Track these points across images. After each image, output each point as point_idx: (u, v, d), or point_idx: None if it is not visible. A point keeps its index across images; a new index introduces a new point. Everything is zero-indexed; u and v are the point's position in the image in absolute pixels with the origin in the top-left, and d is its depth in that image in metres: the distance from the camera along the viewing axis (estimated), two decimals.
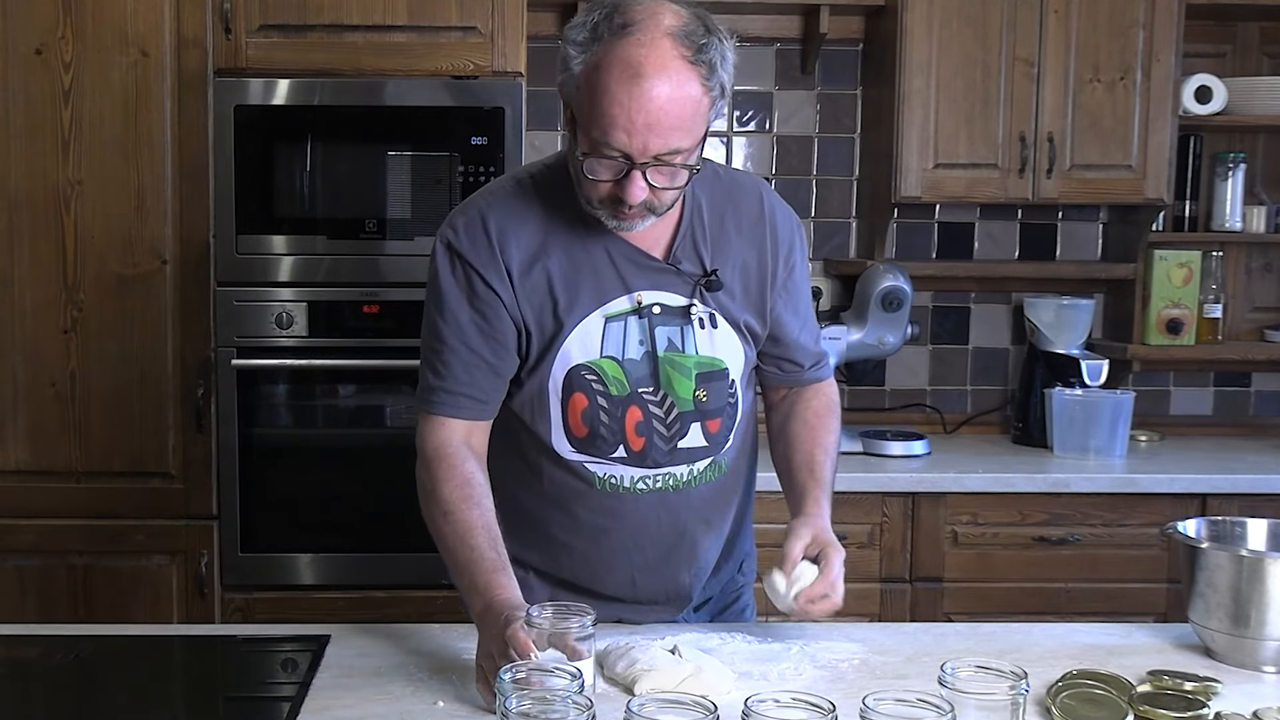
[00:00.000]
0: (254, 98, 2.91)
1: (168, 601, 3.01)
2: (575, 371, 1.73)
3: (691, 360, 1.76)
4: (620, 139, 1.57)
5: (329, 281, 2.95)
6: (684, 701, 1.23)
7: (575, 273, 1.72)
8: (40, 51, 2.92)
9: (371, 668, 1.66)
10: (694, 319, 1.76)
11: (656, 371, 1.75)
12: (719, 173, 1.85)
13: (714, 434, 1.80)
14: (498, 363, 1.74)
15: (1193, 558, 1.73)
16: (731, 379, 1.80)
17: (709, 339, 1.77)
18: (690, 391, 1.76)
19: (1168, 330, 3.49)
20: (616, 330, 1.73)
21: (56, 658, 1.76)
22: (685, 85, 1.57)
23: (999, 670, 1.34)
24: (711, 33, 1.61)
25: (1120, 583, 3.09)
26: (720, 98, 1.63)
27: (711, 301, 1.77)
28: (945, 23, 3.23)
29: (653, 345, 1.75)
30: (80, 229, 2.96)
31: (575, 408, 1.75)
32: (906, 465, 3.15)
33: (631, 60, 1.55)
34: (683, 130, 1.58)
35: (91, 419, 2.99)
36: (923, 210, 3.57)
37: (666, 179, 1.62)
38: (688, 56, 1.57)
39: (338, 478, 3.01)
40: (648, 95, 1.55)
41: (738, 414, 1.83)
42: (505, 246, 1.71)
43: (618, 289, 1.73)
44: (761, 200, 1.84)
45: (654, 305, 1.74)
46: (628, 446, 1.76)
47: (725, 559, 1.95)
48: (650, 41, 1.56)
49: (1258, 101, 3.41)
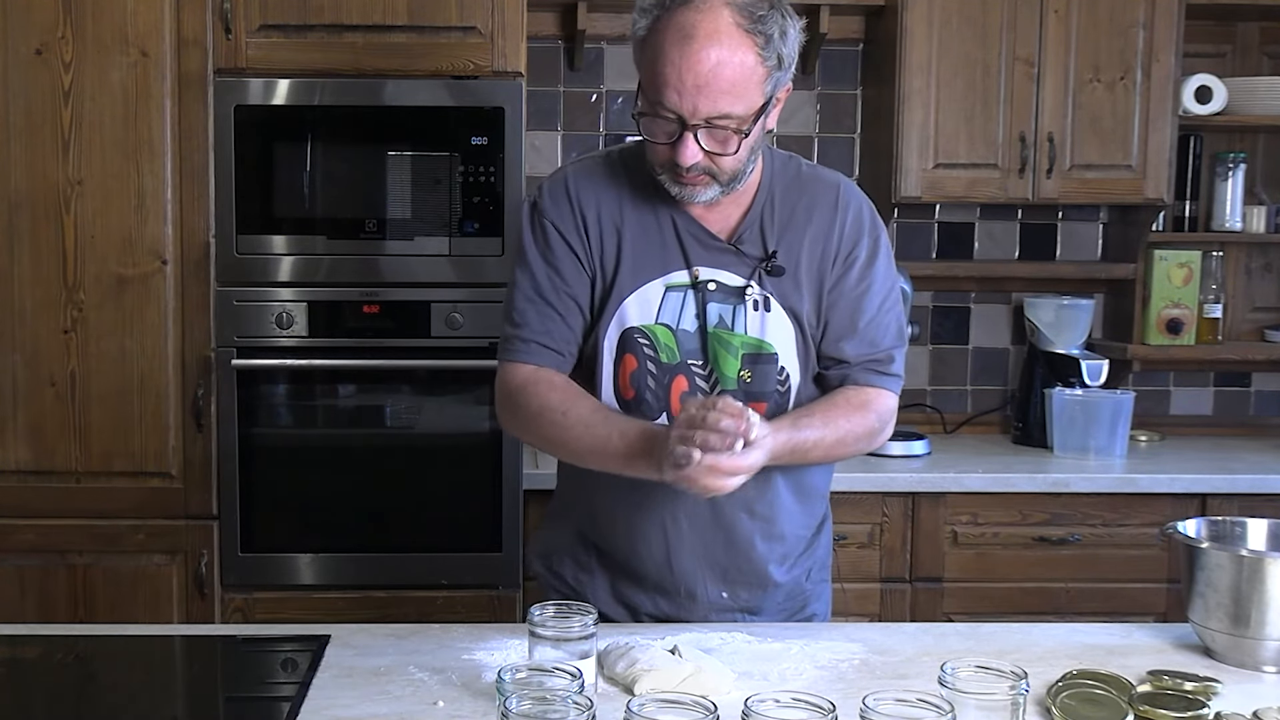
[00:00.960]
0: (254, 98, 2.91)
1: (168, 601, 3.01)
2: (629, 334, 1.80)
3: (739, 339, 1.80)
4: (671, 99, 1.65)
5: (329, 281, 2.95)
6: (684, 701, 1.23)
7: (645, 241, 1.80)
8: (40, 51, 2.92)
9: (371, 668, 1.66)
10: (748, 300, 1.80)
11: (706, 346, 1.80)
12: (802, 166, 1.89)
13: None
14: (569, 315, 1.82)
15: (1193, 558, 1.73)
16: (781, 365, 1.81)
17: (760, 321, 1.80)
18: (735, 370, 1.80)
19: (1168, 330, 3.49)
20: (675, 300, 1.80)
21: (56, 658, 1.76)
22: (738, 51, 1.64)
23: (999, 670, 1.34)
24: (774, 6, 1.67)
25: (1120, 583, 3.09)
26: (778, 69, 1.68)
27: (769, 285, 1.80)
28: (945, 23, 3.23)
29: (704, 320, 1.79)
30: (80, 229, 2.96)
31: (626, 369, 1.81)
32: (906, 465, 3.15)
33: (686, 24, 1.64)
34: (733, 95, 1.65)
35: (91, 419, 2.99)
36: (923, 210, 3.57)
37: (719, 144, 1.68)
38: (744, 25, 1.64)
39: (338, 478, 3.01)
40: (698, 57, 1.63)
41: (789, 403, 1.83)
42: (585, 207, 1.82)
43: (679, 262, 1.80)
44: (838, 195, 1.86)
45: (710, 282, 1.80)
46: (670, 415, 1.80)
47: (789, 565, 1.93)
48: (708, 8, 1.65)
49: (1258, 101, 3.41)
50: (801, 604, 1.97)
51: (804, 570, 1.97)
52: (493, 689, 1.38)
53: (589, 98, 3.54)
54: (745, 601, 1.90)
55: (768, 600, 1.92)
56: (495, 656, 1.68)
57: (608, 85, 3.54)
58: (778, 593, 1.93)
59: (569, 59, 3.52)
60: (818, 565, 2.00)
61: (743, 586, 1.89)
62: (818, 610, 2.00)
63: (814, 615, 1.99)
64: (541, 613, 1.54)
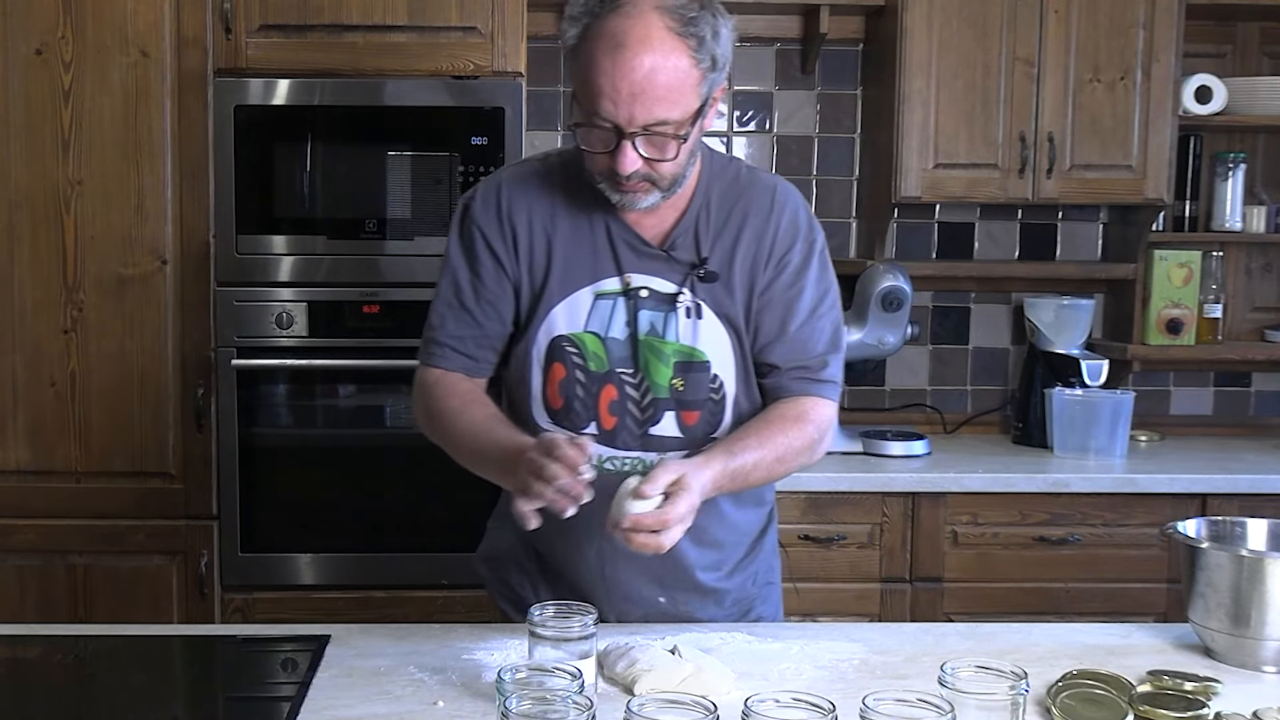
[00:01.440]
0: (254, 98, 2.91)
1: (168, 601, 3.01)
2: (557, 342, 1.78)
3: (670, 347, 1.77)
4: (607, 108, 1.61)
5: (329, 281, 2.95)
6: (684, 701, 1.23)
7: (576, 248, 1.77)
8: (40, 51, 2.92)
9: (371, 668, 1.66)
10: (680, 307, 1.77)
11: (637, 354, 1.77)
12: (741, 170, 1.85)
13: (690, 426, 1.79)
14: (487, 322, 1.81)
15: (1193, 558, 1.73)
16: (714, 373, 1.79)
17: (691, 329, 1.77)
18: (666, 379, 1.77)
19: (1168, 330, 3.49)
20: (605, 308, 1.77)
21: (56, 658, 1.76)
22: (671, 56, 1.60)
23: (999, 670, 1.34)
24: (705, 7, 1.64)
25: (1120, 583, 3.09)
26: (713, 71, 1.65)
27: (702, 293, 1.77)
28: (945, 23, 3.23)
29: (635, 328, 1.77)
30: (80, 229, 2.96)
31: (554, 378, 1.78)
32: (906, 465, 3.15)
33: (617, 32, 1.60)
34: (669, 101, 1.61)
35: (91, 419, 2.99)
36: (923, 210, 3.57)
37: (657, 150, 1.65)
38: (675, 28, 1.61)
39: (338, 478, 3.01)
40: (630, 65, 1.59)
41: (724, 412, 1.81)
42: (515, 215, 1.79)
43: (611, 269, 1.77)
44: (773, 198, 1.82)
45: (642, 289, 1.77)
46: (599, 424, 1.79)
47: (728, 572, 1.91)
48: (637, 14, 1.61)
49: (1258, 101, 3.41)
50: (746, 608, 1.95)
51: (749, 575, 1.95)
52: (493, 689, 1.38)
53: None
54: (685, 608, 1.87)
55: (709, 606, 1.90)
56: (495, 656, 1.69)
57: None
58: (723, 598, 1.91)
59: None
60: (763, 569, 1.98)
61: (680, 592, 1.86)
62: (764, 613, 1.98)
63: (760, 618, 1.96)
64: (541, 613, 1.54)
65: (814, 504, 3.04)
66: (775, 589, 2.02)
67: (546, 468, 1.55)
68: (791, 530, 3.00)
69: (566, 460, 1.55)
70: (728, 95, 3.55)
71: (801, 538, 3.02)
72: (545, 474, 1.55)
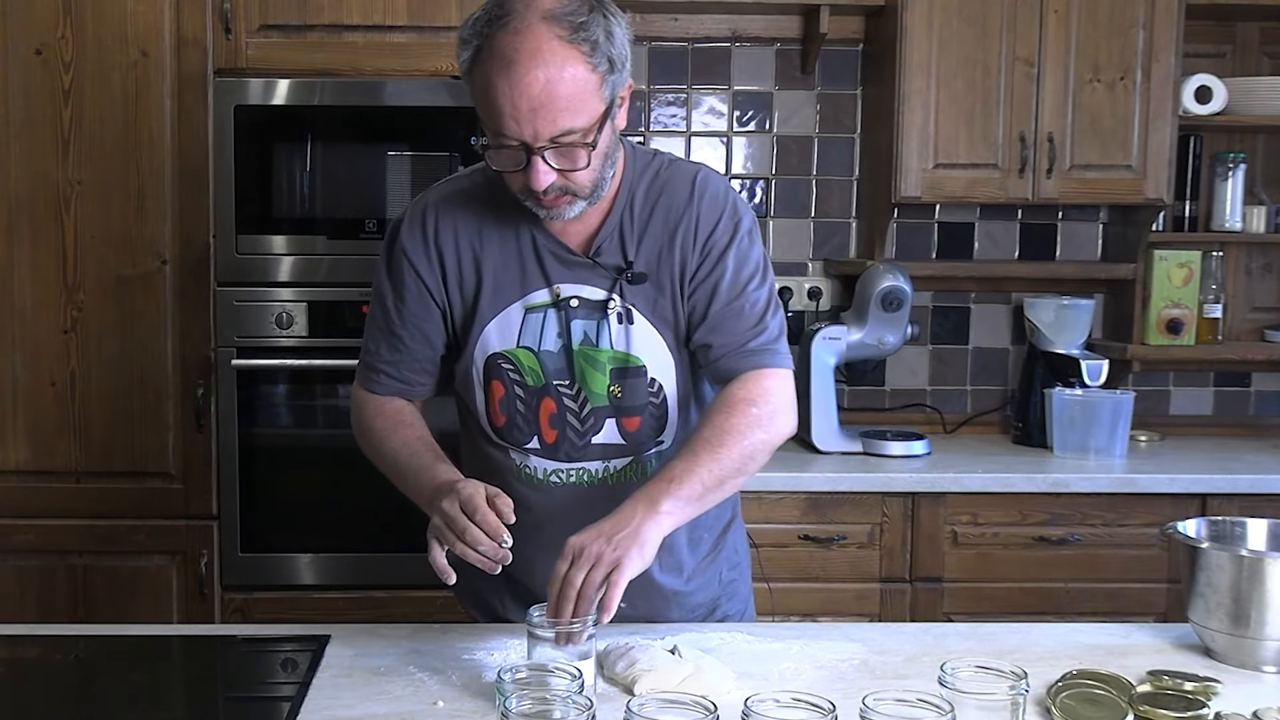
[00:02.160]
0: (254, 98, 2.91)
1: (168, 601, 3.01)
2: (493, 360, 1.78)
3: (605, 355, 1.76)
4: (511, 128, 1.60)
5: (329, 281, 2.95)
6: (684, 701, 1.23)
7: (505, 264, 1.77)
8: (40, 51, 2.92)
9: (371, 668, 1.66)
10: (610, 313, 1.75)
11: (572, 365, 1.76)
12: (662, 165, 1.81)
13: (632, 432, 1.78)
14: (415, 348, 1.82)
15: (1193, 558, 1.73)
16: (651, 377, 1.77)
17: (624, 334, 1.76)
18: (604, 386, 1.76)
19: (1168, 330, 3.49)
20: (535, 322, 1.76)
21: (56, 658, 1.76)
22: (566, 66, 1.58)
23: (999, 670, 1.34)
24: (594, 9, 1.61)
25: (1120, 583, 3.09)
26: (611, 72, 1.62)
27: (631, 296, 1.75)
28: (945, 23, 3.23)
29: (568, 338, 1.76)
30: (80, 229, 2.96)
31: (494, 395, 1.79)
32: (906, 465, 3.15)
33: (507, 49, 1.59)
34: (571, 110, 1.59)
35: (91, 419, 2.99)
36: (923, 210, 3.57)
37: (568, 161, 1.63)
38: (565, 37, 1.58)
39: (338, 478, 3.00)
40: (526, 81, 1.57)
41: (667, 414, 1.79)
42: (441, 238, 1.78)
43: (539, 281, 1.76)
44: (693, 186, 1.77)
45: (572, 299, 1.76)
46: (541, 438, 1.79)
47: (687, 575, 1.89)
48: (525, 28, 1.59)
49: (1258, 101, 3.41)
50: (712, 608, 1.94)
51: (712, 575, 1.93)
52: (493, 689, 1.38)
53: None
54: (646, 611, 1.85)
55: (672, 608, 1.88)
56: (495, 656, 1.69)
57: None
58: (685, 599, 1.89)
59: None
60: (727, 567, 1.96)
61: (640, 597, 1.80)
62: (731, 610, 1.96)
63: (727, 616, 1.95)
64: (541, 613, 1.53)
65: (814, 504, 3.04)
66: (744, 585, 2.00)
67: (469, 531, 1.55)
68: (791, 530, 3.00)
69: (489, 527, 1.55)
70: (727, 95, 3.55)
71: (801, 538, 3.03)
72: (467, 537, 1.56)
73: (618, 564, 1.52)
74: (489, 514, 1.56)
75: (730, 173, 3.58)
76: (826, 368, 3.32)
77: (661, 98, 3.55)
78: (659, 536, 1.58)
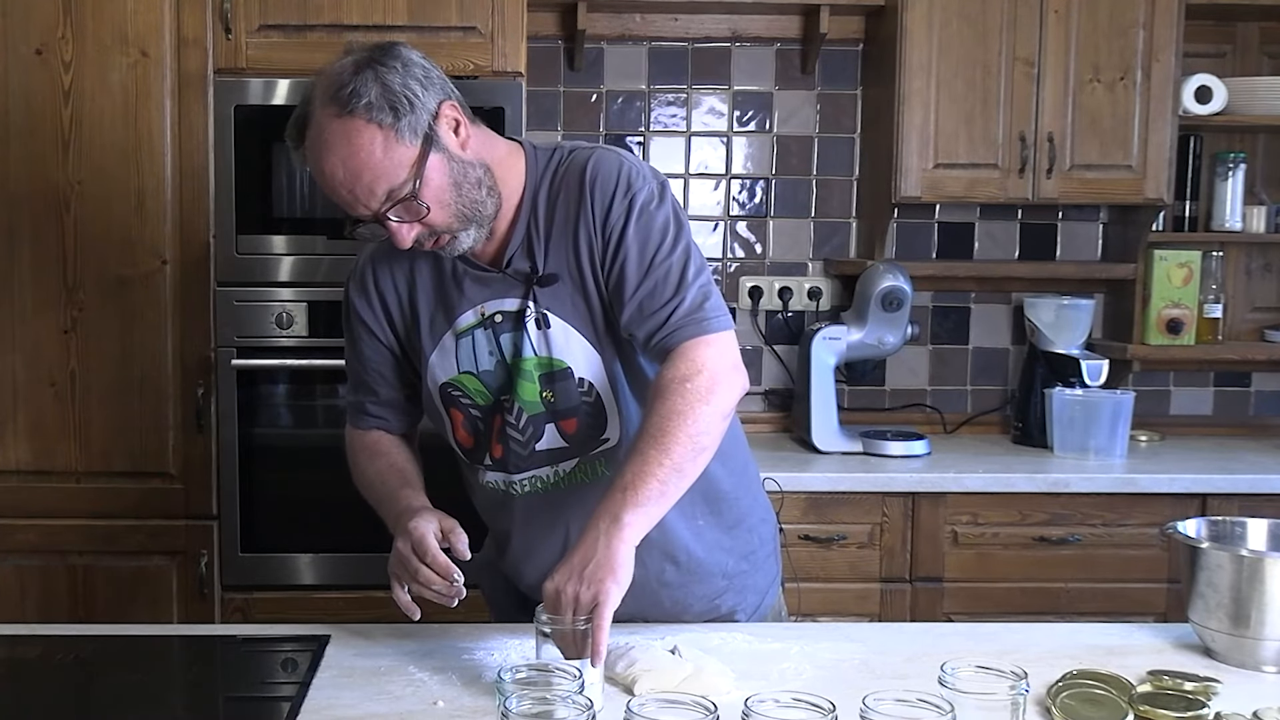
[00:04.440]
0: (254, 98, 2.91)
1: (168, 601, 3.01)
2: (444, 390, 1.83)
3: (530, 363, 1.76)
4: (352, 209, 1.68)
5: (329, 281, 2.94)
6: (684, 701, 1.23)
7: (434, 297, 1.82)
8: (40, 51, 2.92)
9: (371, 668, 1.66)
10: (528, 320, 1.75)
11: (511, 379, 1.78)
12: (560, 160, 1.78)
13: (572, 434, 1.78)
14: (380, 390, 1.90)
15: (1193, 558, 1.73)
16: (580, 377, 1.76)
17: (544, 340, 1.75)
18: (536, 394, 1.77)
19: (1168, 330, 3.49)
20: (466, 346, 1.80)
21: (56, 658, 1.76)
22: (350, 141, 1.62)
23: (999, 670, 1.34)
24: (360, 69, 1.62)
25: (1120, 583, 3.09)
26: (399, 118, 1.62)
27: (545, 300, 1.74)
28: (945, 23, 3.23)
29: (501, 353, 1.78)
30: (80, 229, 2.96)
31: (457, 422, 1.84)
32: (906, 465, 3.15)
33: (310, 151, 1.66)
34: (379, 174, 1.63)
35: (91, 419, 2.99)
36: (923, 210, 3.57)
37: (411, 214, 1.66)
38: (339, 114, 1.62)
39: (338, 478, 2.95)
40: (329, 172, 1.65)
41: (603, 412, 1.77)
42: (380, 282, 1.85)
43: (464, 305, 1.79)
44: (582, 177, 1.73)
45: (496, 314, 1.78)
46: (490, 454, 1.82)
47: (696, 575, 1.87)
48: (313, 124, 1.64)
49: (1258, 101, 3.41)
50: (715, 599, 1.89)
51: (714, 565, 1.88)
52: (493, 689, 1.38)
53: (589, 98, 3.54)
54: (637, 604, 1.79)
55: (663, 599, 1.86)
56: (495, 656, 1.69)
57: (608, 85, 3.54)
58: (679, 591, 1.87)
59: (569, 59, 3.52)
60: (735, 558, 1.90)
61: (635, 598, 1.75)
62: (740, 605, 1.91)
63: (735, 610, 1.91)
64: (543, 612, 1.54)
65: (814, 504, 3.04)
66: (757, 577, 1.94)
67: (420, 572, 1.63)
68: (791, 530, 3.00)
69: (439, 568, 1.62)
70: (728, 95, 3.55)
71: (801, 538, 3.02)
72: (420, 578, 1.63)
73: (595, 602, 1.51)
74: (438, 555, 1.62)
75: (730, 173, 3.58)
76: (826, 368, 3.32)
77: (661, 98, 3.55)
78: (629, 551, 1.56)
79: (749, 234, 3.61)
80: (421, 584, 1.63)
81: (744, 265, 3.61)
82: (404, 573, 1.65)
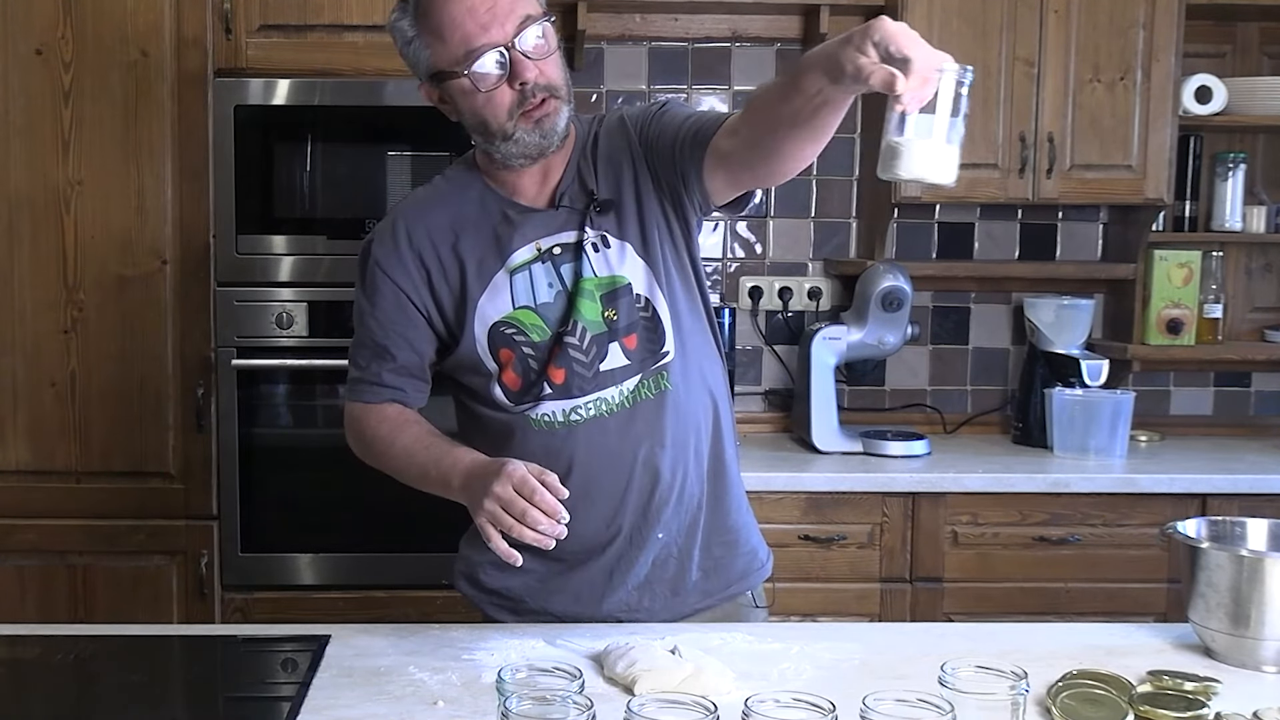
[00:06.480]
0: (254, 98, 2.91)
1: (168, 601, 3.01)
2: (496, 329, 1.83)
3: (592, 283, 1.82)
4: (481, 39, 1.71)
5: (329, 281, 2.95)
6: (684, 701, 1.23)
7: (480, 241, 1.84)
8: (40, 51, 2.92)
9: (371, 668, 1.66)
10: (586, 245, 1.82)
11: (569, 306, 1.82)
12: (597, 119, 1.92)
13: (633, 350, 1.83)
14: (400, 355, 1.87)
15: (1193, 558, 1.73)
16: (637, 293, 1.83)
17: (604, 260, 1.82)
18: (598, 314, 1.82)
19: (1168, 330, 3.49)
20: (522, 280, 1.83)
21: (56, 658, 1.76)
22: None
23: (999, 670, 1.34)
24: None
25: (1120, 583, 3.09)
26: None
27: (601, 224, 1.83)
28: (945, 23, 3.23)
29: (562, 283, 1.82)
30: (80, 229, 2.96)
31: (506, 362, 1.84)
32: (906, 465, 3.15)
33: None
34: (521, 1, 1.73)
35: (91, 419, 2.99)
36: (923, 210, 3.57)
37: (538, 51, 1.73)
38: None
39: (338, 478, 3.00)
40: None
41: (661, 326, 1.84)
42: (417, 241, 1.86)
43: (517, 241, 1.83)
44: (622, 114, 1.90)
45: (554, 247, 1.83)
46: (550, 382, 1.82)
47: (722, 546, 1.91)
48: None
49: (1258, 101, 3.41)
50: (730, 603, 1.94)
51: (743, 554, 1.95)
52: (493, 689, 1.38)
53: (589, 98, 3.54)
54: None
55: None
56: (495, 656, 1.68)
57: (608, 85, 3.54)
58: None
59: (569, 59, 3.48)
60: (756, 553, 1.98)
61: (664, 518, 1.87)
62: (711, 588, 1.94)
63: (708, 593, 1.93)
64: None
65: (814, 504, 3.04)
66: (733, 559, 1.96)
67: (529, 513, 1.61)
68: (791, 530, 3.00)
69: (547, 507, 1.61)
70: (728, 95, 3.55)
71: (801, 538, 3.02)
72: (528, 519, 1.61)
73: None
74: (546, 494, 1.62)
75: None
76: (827, 368, 3.32)
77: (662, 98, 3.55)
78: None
79: (749, 234, 3.61)
80: (529, 524, 1.61)
81: (744, 265, 3.61)
82: (506, 516, 1.63)
